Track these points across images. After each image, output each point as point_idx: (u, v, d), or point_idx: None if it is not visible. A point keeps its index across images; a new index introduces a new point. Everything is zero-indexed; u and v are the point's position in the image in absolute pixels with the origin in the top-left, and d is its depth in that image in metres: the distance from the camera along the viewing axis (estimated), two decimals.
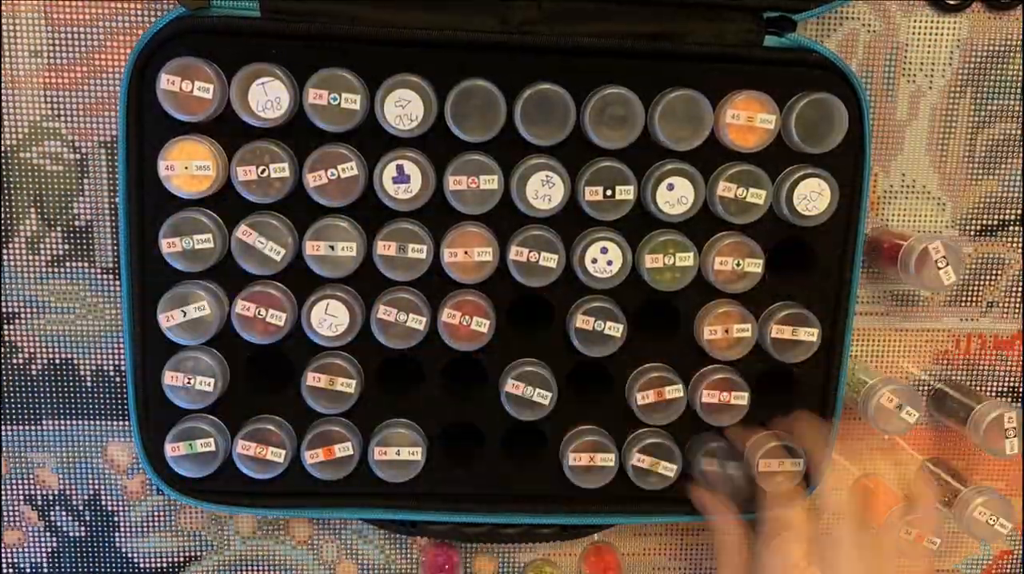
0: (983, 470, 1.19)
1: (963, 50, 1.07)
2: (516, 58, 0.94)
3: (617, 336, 0.99)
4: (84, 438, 1.10)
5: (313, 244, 0.95)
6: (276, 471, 1.00)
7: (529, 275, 0.97)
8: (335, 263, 0.96)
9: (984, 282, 1.14)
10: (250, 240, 0.95)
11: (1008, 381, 1.16)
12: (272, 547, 1.15)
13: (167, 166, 0.92)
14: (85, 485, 1.12)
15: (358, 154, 0.94)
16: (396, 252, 0.95)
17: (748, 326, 1.00)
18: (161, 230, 0.94)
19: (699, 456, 1.02)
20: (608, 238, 0.97)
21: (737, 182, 0.96)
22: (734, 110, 0.95)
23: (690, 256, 0.98)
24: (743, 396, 1.01)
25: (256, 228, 0.95)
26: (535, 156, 0.95)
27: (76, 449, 1.11)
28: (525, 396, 0.99)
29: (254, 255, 0.95)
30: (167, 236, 0.94)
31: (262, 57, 0.92)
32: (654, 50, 0.95)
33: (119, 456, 1.11)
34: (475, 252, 0.96)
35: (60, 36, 1.00)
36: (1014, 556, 1.22)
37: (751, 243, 0.98)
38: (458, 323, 0.97)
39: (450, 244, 0.96)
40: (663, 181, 0.96)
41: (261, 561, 1.16)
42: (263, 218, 0.95)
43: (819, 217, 0.98)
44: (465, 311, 0.97)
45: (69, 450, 1.11)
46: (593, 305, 0.99)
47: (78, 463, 1.11)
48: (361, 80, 0.92)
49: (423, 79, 0.93)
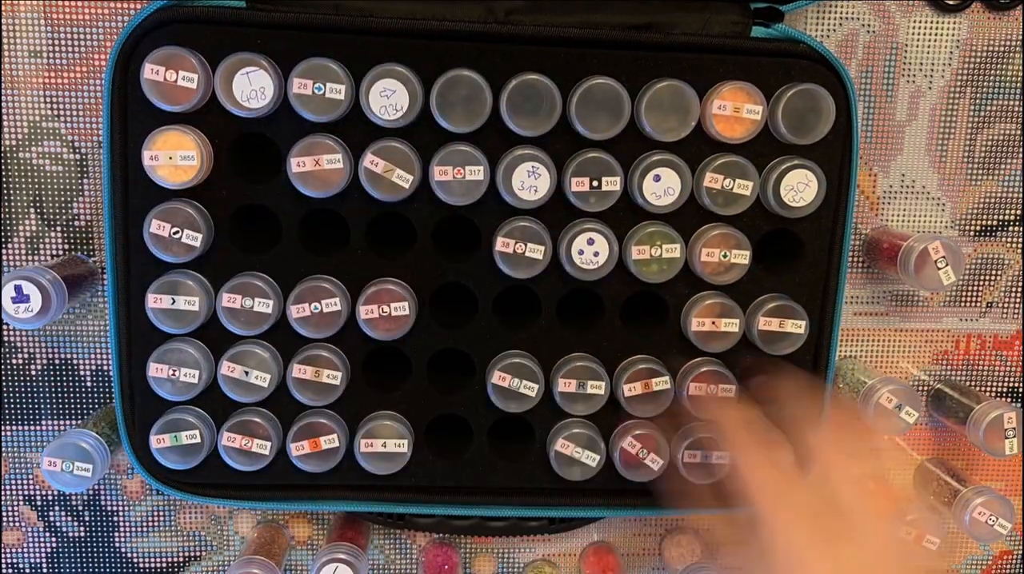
0: (983, 470, 1.17)
1: (963, 50, 1.05)
2: (502, 48, 0.91)
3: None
4: None
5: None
6: (262, 463, 0.97)
7: (515, 266, 0.94)
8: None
9: (984, 282, 1.12)
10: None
11: (1008, 381, 1.14)
12: None
13: (151, 156, 0.89)
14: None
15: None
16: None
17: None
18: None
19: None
20: (594, 229, 0.93)
21: (724, 173, 0.93)
22: (721, 101, 0.92)
23: (676, 247, 0.94)
24: (730, 389, 0.98)
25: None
26: (521, 147, 0.92)
27: None
28: (511, 388, 0.96)
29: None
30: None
31: (246, 47, 0.89)
32: (641, 40, 0.92)
33: (118, 456, 1.08)
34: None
35: (60, 36, 0.99)
36: (1014, 556, 1.20)
37: (738, 234, 0.95)
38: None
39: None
40: (649, 172, 0.92)
41: None
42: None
43: (806, 208, 0.94)
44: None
45: None
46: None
47: None
48: (346, 70, 0.89)
49: (408, 69, 0.90)
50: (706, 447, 0.98)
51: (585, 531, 1.14)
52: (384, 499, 1.01)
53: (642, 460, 0.98)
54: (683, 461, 0.98)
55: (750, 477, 0.83)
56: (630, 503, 1.02)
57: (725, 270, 0.95)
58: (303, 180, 0.90)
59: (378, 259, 0.95)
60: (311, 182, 0.91)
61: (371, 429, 0.97)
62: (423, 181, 0.92)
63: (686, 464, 0.98)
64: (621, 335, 0.98)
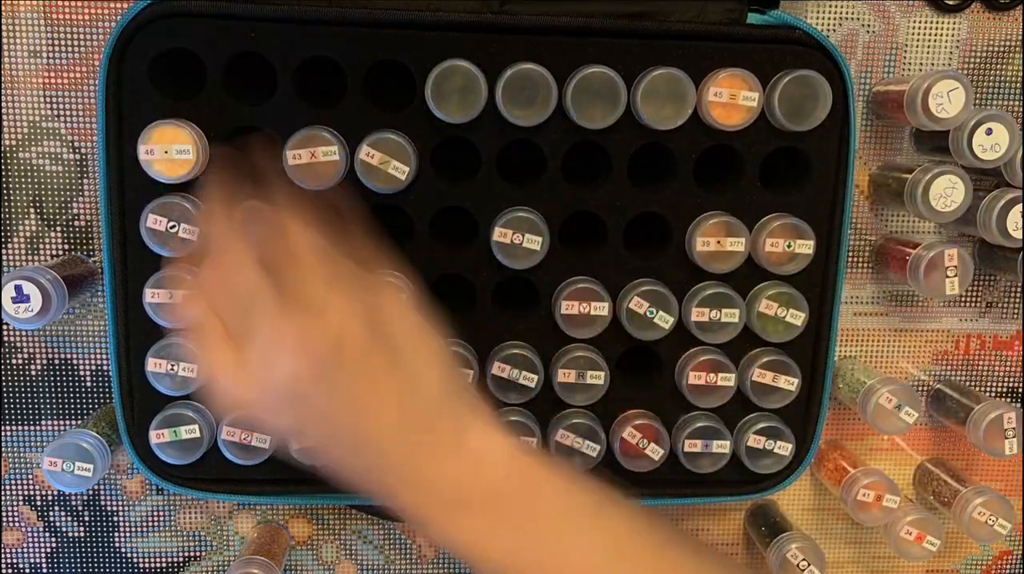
0: (983, 470, 1.15)
1: (963, 50, 1.04)
2: (497, 38, 0.90)
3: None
4: None
5: None
6: (261, 457, 0.95)
7: (513, 256, 0.92)
8: None
9: (984, 283, 1.10)
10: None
11: (1007, 382, 1.12)
12: None
13: (147, 151, 0.87)
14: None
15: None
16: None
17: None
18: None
19: None
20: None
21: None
22: (717, 88, 0.90)
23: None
24: (730, 378, 0.96)
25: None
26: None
27: None
28: (511, 378, 0.94)
29: None
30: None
31: (239, 41, 0.88)
32: (636, 29, 0.90)
33: (118, 456, 1.06)
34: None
35: (59, 36, 0.97)
36: (1014, 556, 1.18)
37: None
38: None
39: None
40: None
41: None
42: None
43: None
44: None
45: None
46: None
47: None
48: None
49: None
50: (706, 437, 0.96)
51: None
52: None
53: (642, 450, 0.96)
54: (683, 450, 0.96)
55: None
56: (631, 494, 0.98)
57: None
58: (299, 173, 0.88)
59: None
60: (307, 175, 0.89)
61: None
62: (419, 172, 0.90)
63: (686, 453, 0.96)
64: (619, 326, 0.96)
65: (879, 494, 1.01)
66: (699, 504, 1.11)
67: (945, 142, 0.94)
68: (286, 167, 0.88)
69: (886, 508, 1.01)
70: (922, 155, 1.03)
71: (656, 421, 0.97)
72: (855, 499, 1.01)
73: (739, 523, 1.13)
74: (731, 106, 0.90)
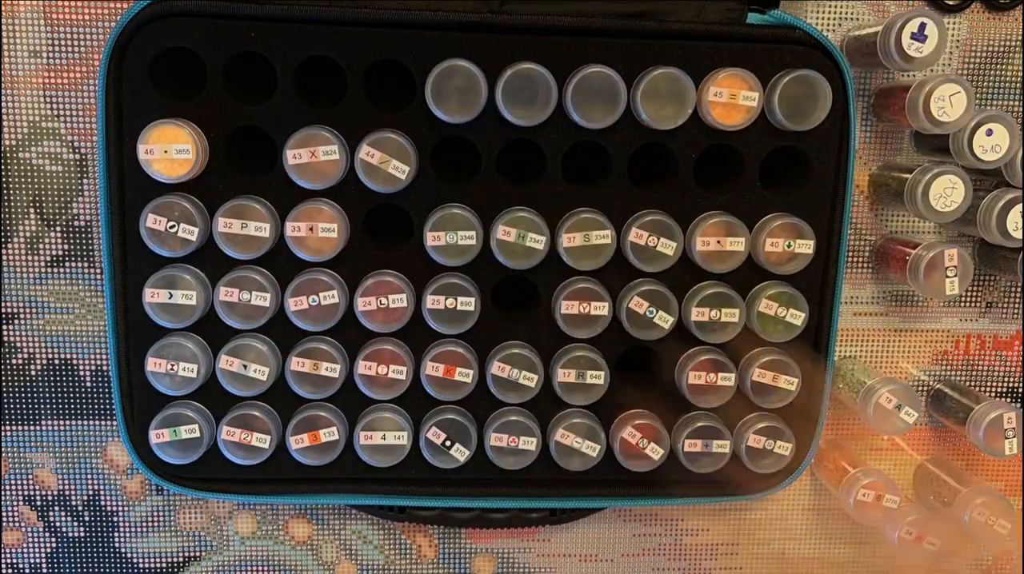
0: (983, 470, 1.15)
1: (963, 50, 1.03)
2: (497, 38, 0.89)
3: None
4: (83, 438, 1.06)
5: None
6: (261, 457, 0.95)
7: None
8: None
9: (984, 283, 1.09)
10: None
11: (1007, 381, 1.12)
12: (272, 547, 1.11)
13: (146, 150, 0.87)
14: (84, 485, 1.08)
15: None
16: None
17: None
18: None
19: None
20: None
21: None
22: (717, 88, 0.89)
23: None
24: (730, 377, 0.95)
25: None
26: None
27: (75, 449, 1.06)
28: (511, 378, 0.94)
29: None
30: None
31: (239, 40, 0.88)
32: (636, 29, 0.90)
33: (118, 456, 1.06)
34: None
35: (59, 36, 0.96)
36: (1014, 556, 1.15)
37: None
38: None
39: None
40: None
41: (261, 561, 1.11)
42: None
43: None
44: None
45: (68, 450, 1.06)
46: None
47: (77, 463, 1.07)
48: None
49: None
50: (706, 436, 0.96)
51: (585, 523, 1.11)
52: (384, 492, 0.99)
53: (642, 450, 0.95)
54: (683, 450, 0.95)
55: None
56: (631, 493, 1.00)
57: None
58: (299, 172, 0.88)
59: (375, 251, 0.93)
60: (307, 174, 0.88)
61: (370, 421, 0.95)
62: (419, 172, 0.90)
63: (686, 453, 0.96)
64: (620, 325, 0.95)
65: (879, 494, 1.01)
66: (699, 504, 1.10)
67: (945, 142, 0.94)
68: (286, 167, 0.88)
69: (886, 508, 1.01)
70: (922, 155, 1.03)
71: (656, 421, 0.96)
72: (855, 499, 1.01)
73: (739, 523, 1.12)
74: (731, 106, 0.90)
